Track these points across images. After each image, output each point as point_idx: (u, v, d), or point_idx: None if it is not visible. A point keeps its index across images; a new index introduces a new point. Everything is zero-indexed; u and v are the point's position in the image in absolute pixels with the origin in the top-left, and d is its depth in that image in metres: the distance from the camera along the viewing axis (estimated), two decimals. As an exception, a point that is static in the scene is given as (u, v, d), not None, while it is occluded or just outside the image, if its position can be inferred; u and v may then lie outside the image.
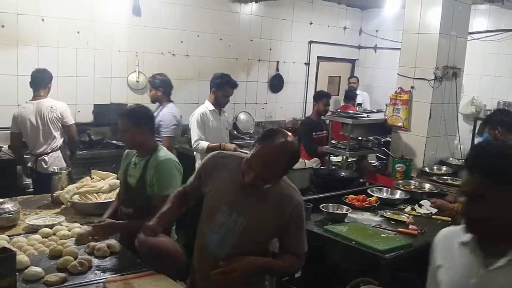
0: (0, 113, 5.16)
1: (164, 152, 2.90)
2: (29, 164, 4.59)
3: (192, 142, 4.53)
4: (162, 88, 5.04)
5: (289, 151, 2.05)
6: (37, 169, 4.51)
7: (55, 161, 4.52)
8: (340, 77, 8.91)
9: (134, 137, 2.85)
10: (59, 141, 4.60)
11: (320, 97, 5.65)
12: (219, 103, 4.69)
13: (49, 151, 4.54)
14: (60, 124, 4.58)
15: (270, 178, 2.08)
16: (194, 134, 4.51)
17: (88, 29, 5.64)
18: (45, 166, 4.48)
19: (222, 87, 4.65)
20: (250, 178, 2.03)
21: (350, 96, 7.25)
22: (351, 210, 3.45)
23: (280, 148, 2.01)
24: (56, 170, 3.64)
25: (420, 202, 3.68)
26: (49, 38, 5.39)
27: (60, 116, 4.56)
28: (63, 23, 5.44)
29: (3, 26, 5.08)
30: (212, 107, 4.65)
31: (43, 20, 5.30)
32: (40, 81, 4.60)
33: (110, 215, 2.90)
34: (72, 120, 4.71)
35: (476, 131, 5.71)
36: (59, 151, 4.61)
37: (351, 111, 5.59)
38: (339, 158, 5.16)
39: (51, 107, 4.54)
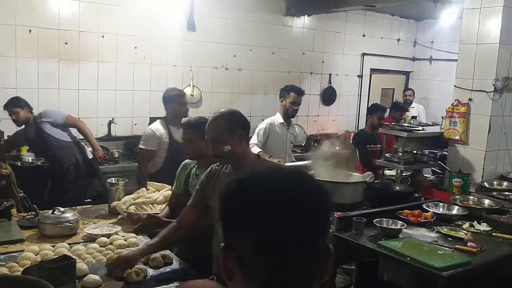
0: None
1: None
2: None
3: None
4: None
5: (224, 111, 2.48)
6: None
7: None
8: (393, 89, 8.76)
9: (197, 148, 2.94)
10: None
11: (375, 110, 5.59)
12: (287, 113, 4.79)
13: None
14: None
15: (217, 136, 2.40)
16: (253, 139, 4.62)
17: (145, 45, 5.83)
18: None
19: (288, 94, 4.79)
20: (210, 148, 2.41)
21: (397, 108, 7.02)
22: (405, 225, 3.36)
23: (217, 112, 2.48)
24: (113, 181, 3.75)
25: None
26: (108, 54, 5.61)
27: None
28: (121, 39, 5.66)
29: (66, 43, 5.34)
30: (282, 120, 4.83)
31: (103, 36, 5.53)
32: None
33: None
34: None
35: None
36: None
37: (405, 124, 5.48)
38: (393, 172, 5.06)
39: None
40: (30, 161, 5.02)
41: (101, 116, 5.67)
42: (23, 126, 4.77)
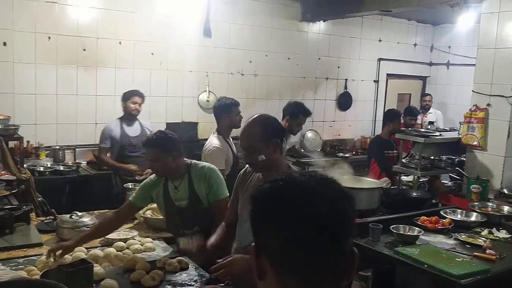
0: (80, 131, 5.49)
1: (199, 163, 3.01)
2: None
3: None
4: None
5: (259, 118, 2.41)
6: None
7: None
8: (410, 94, 8.70)
9: (165, 165, 2.83)
10: None
11: (394, 117, 5.56)
12: (292, 131, 4.72)
13: None
14: None
15: (252, 145, 2.34)
16: None
17: (161, 51, 5.88)
18: None
19: (297, 116, 4.63)
20: (244, 156, 2.38)
21: (407, 112, 6.63)
22: (423, 232, 3.33)
23: (251, 120, 2.42)
24: (130, 186, 3.78)
25: None
26: (126, 60, 5.67)
27: None
28: (138, 45, 5.72)
29: (84, 50, 5.41)
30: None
31: (120, 43, 5.60)
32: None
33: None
34: None
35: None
36: None
37: (422, 130, 5.42)
38: (410, 178, 5.01)
39: None
40: (49, 165, 5.08)
41: (118, 121, 5.71)
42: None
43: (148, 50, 5.80)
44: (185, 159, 2.98)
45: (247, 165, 2.55)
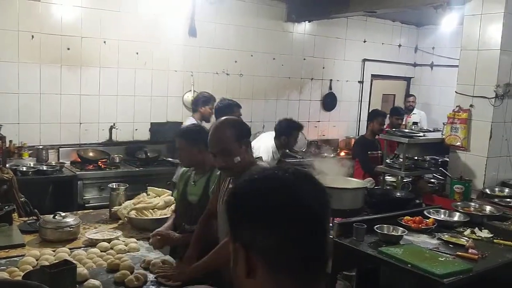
0: (64, 131, 5.44)
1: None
2: None
3: None
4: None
5: (227, 120, 2.41)
6: None
7: None
8: (394, 95, 8.76)
9: (190, 156, 2.93)
10: None
11: (375, 116, 5.59)
12: (289, 148, 4.85)
13: None
14: None
15: (221, 149, 2.32)
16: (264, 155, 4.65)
17: (146, 50, 5.85)
18: None
19: (292, 133, 4.82)
20: (217, 160, 2.35)
21: (394, 112, 6.73)
22: (406, 232, 3.36)
23: (219, 123, 2.42)
24: (114, 186, 3.75)
25: None
26: (110, 60, 5.63)
27: None
28: (123, 45, 5.68)
29: (68, 49, 5.36)
30: (278, 155, 4.81)
31: (105, 42, 5.55)
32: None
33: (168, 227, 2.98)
34: None
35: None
36: None
37: (406, 130, 5.48)
38: (394, 178, 5.05)
39: None
40: (32, 165, 5.02)
41: (102, 121, 5.68)
42: None
43: (133, 49, 5.76)
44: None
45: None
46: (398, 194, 4.39)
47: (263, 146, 4.80)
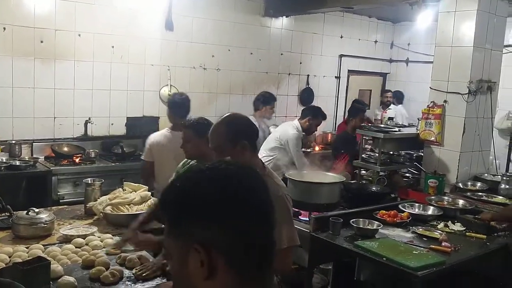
0: (38, 126, 5.34)
1: None
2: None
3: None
4: None
5: (226, 118, 2.40)
6: None
7: None
8: (371, 90, 8.85)
9: (195, 147, 3.01)
10: None
11: (357, 112, 5.64)
12: (309, 131, 5.24)
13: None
14: None
15: (215, 146, 2.33)
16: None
17: (122, 44, 5.77)
18: None
19: (317, 118, 5.21)
20: (215, 158, 2.29)
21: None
22: (382, 225, 3.40)
23: (220, 119, 2.40)
24: (89, 182, 3.71)
25: None
26: (85, 53, 5.54)
27: None
28: (98, 38, 5.59)
29: (42, 42, 5.25)
30: (302, 132, 5.16)
31: (79, 35, 5.46)
32: (185, 108, 4.31)
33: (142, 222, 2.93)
34: None
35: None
36: None
37: (382, 125, 5.52)
38: (369, 173, 5.10)
39: None
40: (5, 160, 4.93)
41: (77, 115, 5.59)
42: None
43: (109, 43, 5.68)
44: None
45: None
46: (374, 188, 4.44)
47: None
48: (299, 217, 3.63)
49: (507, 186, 4.40)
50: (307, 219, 3.54)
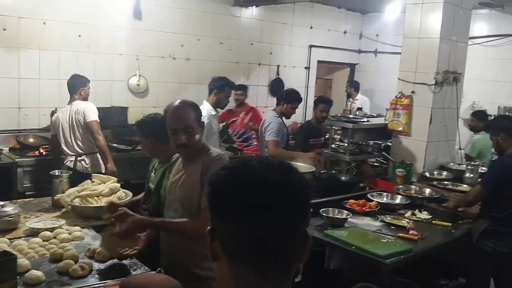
0: (2, 116, 5.19)
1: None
2: (67, 163, 4.61)
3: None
4: None
5: (187, 101, 2.47)
6: (76, 169, 4.53)
7: (94, 163, 4.68)
8: (331, 80, 8.91)
9: (146, 147, 3.07)
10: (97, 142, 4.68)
11: (318, 102, 5.63)
12: (220, 105, 4.80)
13: (87, 152, 4.65)
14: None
15: (185, 126, 2.34)
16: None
17: (90, 33, 5.65)
18: (86, 166, 4.62)
19: (224, 88, 4.80)
20: (179, 136, 2.32)
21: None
22: (351, 214, 3.46)
23: (181, 102, 2.45)
24: (57, 173, 3.64)
25: None
26: (51, 42, 5.40)
27: (83, 116, 4.62)
28: (64, 26, 5.45)
29: (4, 30, 5.09)
30: (215, 111, 4.72)
31: (44, 23, 5.31)
32: (71, 86, 4.77)
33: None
34: (91, 117, 4.66)
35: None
36: (98, 153, 4.72)
37: (351, 116, 5.55)
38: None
39: (77, 109, 4.63)
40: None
41: (43, 106, 5.45)
42: None
43: (75, 32, 5.54)
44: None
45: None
46: (343, 178, 4.49)
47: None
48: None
49: (472, 175, 4.52)
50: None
